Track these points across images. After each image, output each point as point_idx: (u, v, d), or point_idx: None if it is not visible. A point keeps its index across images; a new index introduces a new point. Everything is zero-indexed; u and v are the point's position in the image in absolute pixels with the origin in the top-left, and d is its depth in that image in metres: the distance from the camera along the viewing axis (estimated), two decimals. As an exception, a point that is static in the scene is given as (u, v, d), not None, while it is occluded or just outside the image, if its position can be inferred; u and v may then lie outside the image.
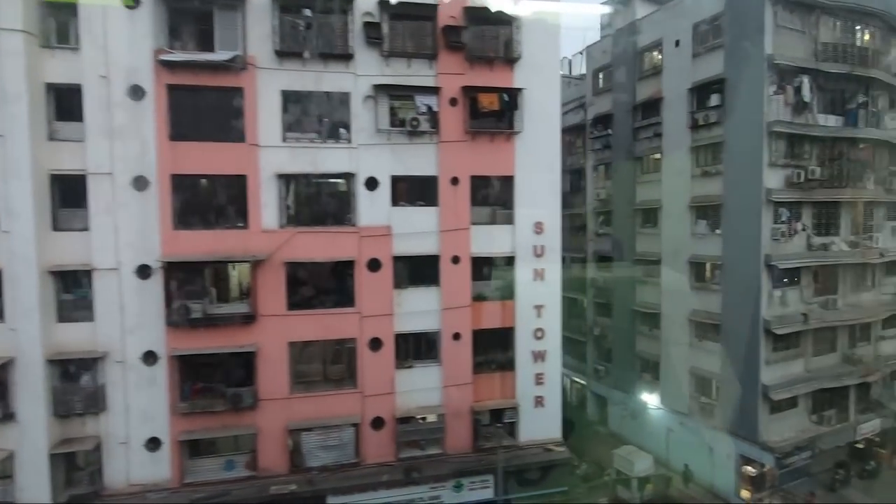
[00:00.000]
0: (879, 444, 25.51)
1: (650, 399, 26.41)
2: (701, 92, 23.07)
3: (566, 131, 32.10)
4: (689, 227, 23.87)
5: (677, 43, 24.24)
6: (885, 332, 25.20)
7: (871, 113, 22.86)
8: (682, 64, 23.96)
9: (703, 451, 23.50)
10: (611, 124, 28.59)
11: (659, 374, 26.07)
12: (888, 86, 23.72)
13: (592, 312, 30.87)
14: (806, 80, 20.71)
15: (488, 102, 16.95)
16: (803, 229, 21.69)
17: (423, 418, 17.45)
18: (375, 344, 17.12)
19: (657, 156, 25.74)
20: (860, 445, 25.10)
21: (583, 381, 32.03)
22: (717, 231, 22.63)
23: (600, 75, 29.62)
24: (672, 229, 24.85)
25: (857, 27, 22.73)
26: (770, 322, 20.72)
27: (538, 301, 18.33)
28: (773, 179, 20.77)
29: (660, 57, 25.45)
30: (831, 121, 22.34)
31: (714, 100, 22.39)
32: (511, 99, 17.29)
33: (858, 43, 22.69)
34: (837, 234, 22.82)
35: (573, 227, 32.66)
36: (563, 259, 19.40)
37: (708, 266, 23.32)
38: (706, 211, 23.27)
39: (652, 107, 25.75)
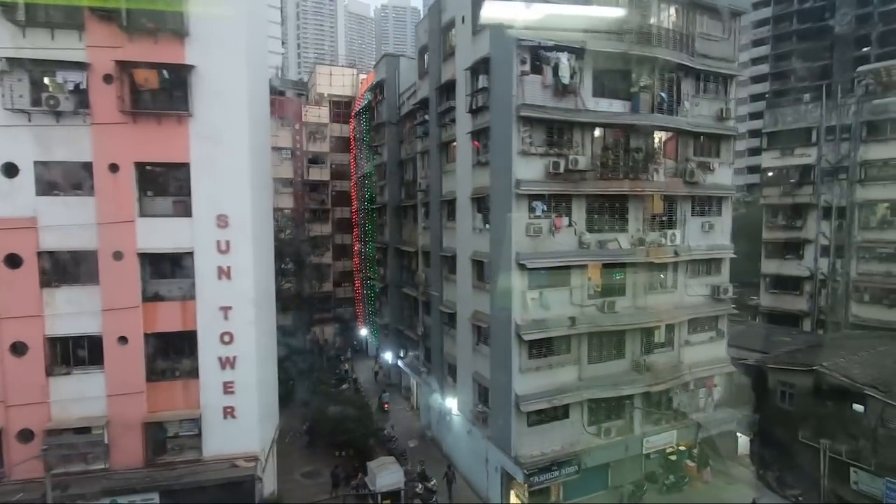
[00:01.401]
0: (691, 456, 23.76)
1: (452, 404, 24.78)
2: (475, 73, 21.04)
3: (407, 116, 30.25)
4: (471, 221, 22.02)
5: (463, 19, 22.17)
6: (694, 336, 23.33)
7: (662, 98, 20.68)
8: (466, 42, 21.91)
9: (482, 461, 21.91)
10: (427, 109, 26.64)
11: (457, 379, 24.43)
12: (691, 69, 21.58)
13: (420, 310, 29.18)
14: (565, 60, 18.58)
15: (143, 79, 15.09)
16: (570, 225, 19.74)
17: (86, 429, 15.88)
18: (19, 348, 15.47)
19: (455, 143, 23.80)
20: (673, 458, 23.42)
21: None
22: (488, 226, 20.77)
23: (425, 56, 27.56)
24: (462, 223, 22.99)
25: (655, 4, 20.59)
26: (521, 327, 18.89)
27: (225, 302, 16.57)
28: (528, 170, 18.74)
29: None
30: (615, 106, 20.26)
31: (482, 81, 20.38)
32: (176, 76, 15.40)
33: (652, 21, 20.55)
34: (622, 230, 20.84)
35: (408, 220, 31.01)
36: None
37: (485, 264, 21.47)
38: (480, 203, 21.37)
39: (451, 89, 23.74)
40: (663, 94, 20.63)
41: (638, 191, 20.27)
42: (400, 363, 33.34)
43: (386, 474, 19.58)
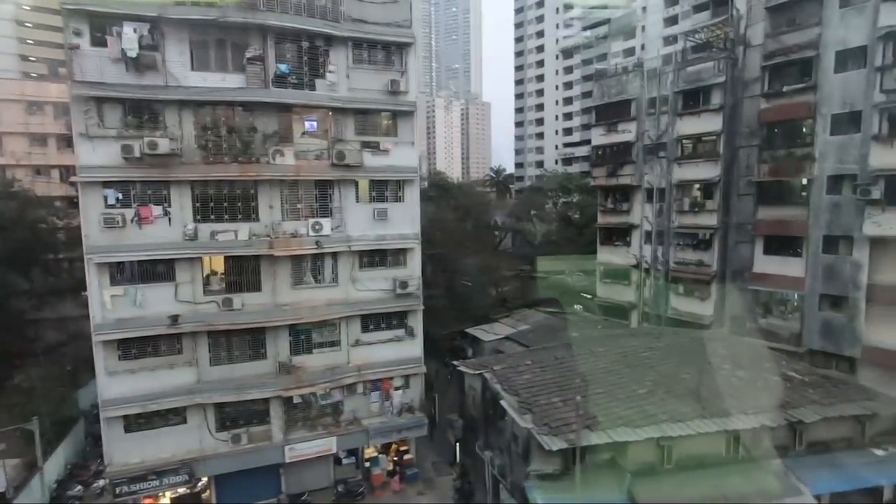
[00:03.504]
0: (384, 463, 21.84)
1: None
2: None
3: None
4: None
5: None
6: (370, 335, 21.13)
7: (281, 71, 18.25)
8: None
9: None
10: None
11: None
12: (338, 37, 19.03)
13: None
14: (129, 30, 16.53)
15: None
16: (167, 215, 17.88)
17: None
18: None
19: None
20: (368, 465, 21.64)
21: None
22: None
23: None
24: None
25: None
26: (100, 326, 17.35)
27: None
28: (97, 155, 16.95)
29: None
30: (230, 81, 18.05)
31: (83, 58, 18.54)
32: None
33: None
34: (252, 219, 18.79)
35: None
36: None
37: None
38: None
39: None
40: (282, 66, 18.23)
41: (251, 176, 18.15)
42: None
43: None
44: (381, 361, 21.03)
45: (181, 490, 18.95)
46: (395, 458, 22.20)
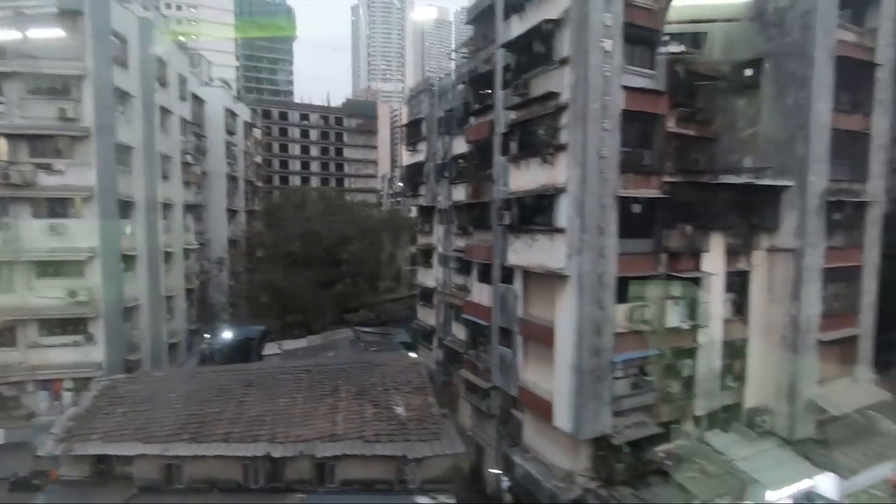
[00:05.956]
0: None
1: None
2: None
3: None
4: None
5: None
6: (45, 339, 22.65)
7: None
8: None
9: None
10: None
11: None
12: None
13: None
14: None
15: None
16: None
17: None
18: None
19: None
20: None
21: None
22: None
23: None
24: None
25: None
26: None
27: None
28: None
29: None
30: None
31: None
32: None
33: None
34: None
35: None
36: None
37: None
38: None
39: None
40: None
41: None
42: None
43: None
44: (57, 364, 22.59)
45: None
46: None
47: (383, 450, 15.79)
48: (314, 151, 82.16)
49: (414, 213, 40.28)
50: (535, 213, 17.38)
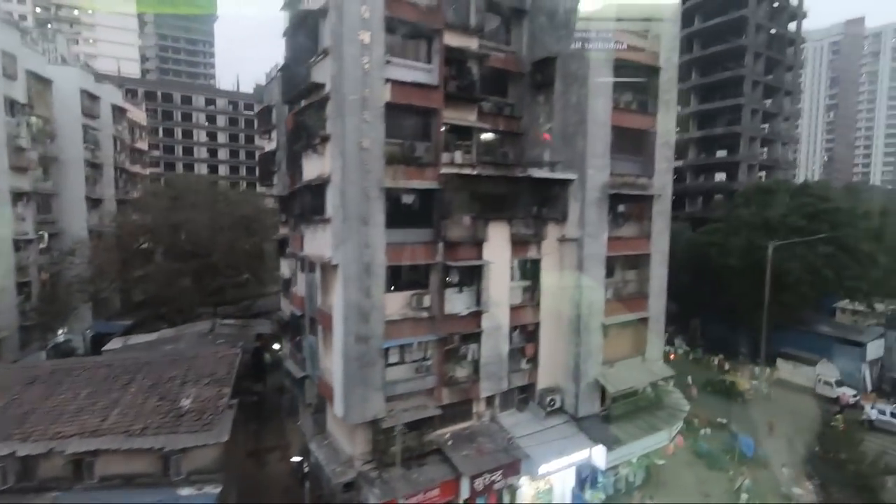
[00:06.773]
0: None
1: None
2: None
3: None
4: None
5: None
6: None
7: None
8: None
9: None
10: None
11: None
12: None
13: None
14: None
15: None
16: None
17: None
18: None
19: None
20: None
21: None
22: None
23: None
24: None
25: None
26: None
27: None
28: None
29: None
30: None
31: None
32: None
33: None
34: None
35: None
36: None
37: None
38: None
39: None
40: None
41: None
42: None
43: None
44: None
45: None
46: None
47: (143, 443, 15.54)
48: (222, 138, 78.91)
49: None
50: (314, 203, 17.52)
